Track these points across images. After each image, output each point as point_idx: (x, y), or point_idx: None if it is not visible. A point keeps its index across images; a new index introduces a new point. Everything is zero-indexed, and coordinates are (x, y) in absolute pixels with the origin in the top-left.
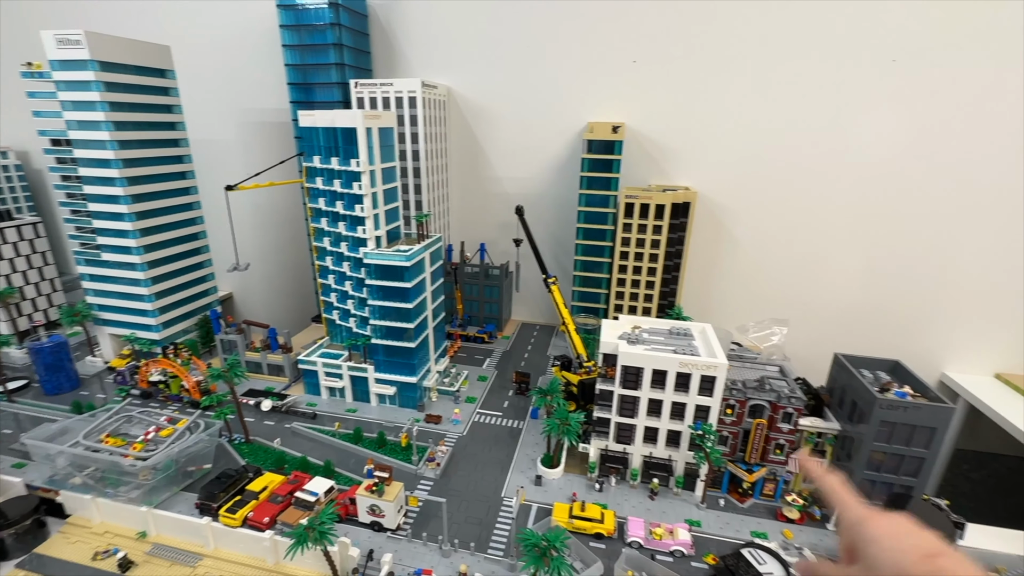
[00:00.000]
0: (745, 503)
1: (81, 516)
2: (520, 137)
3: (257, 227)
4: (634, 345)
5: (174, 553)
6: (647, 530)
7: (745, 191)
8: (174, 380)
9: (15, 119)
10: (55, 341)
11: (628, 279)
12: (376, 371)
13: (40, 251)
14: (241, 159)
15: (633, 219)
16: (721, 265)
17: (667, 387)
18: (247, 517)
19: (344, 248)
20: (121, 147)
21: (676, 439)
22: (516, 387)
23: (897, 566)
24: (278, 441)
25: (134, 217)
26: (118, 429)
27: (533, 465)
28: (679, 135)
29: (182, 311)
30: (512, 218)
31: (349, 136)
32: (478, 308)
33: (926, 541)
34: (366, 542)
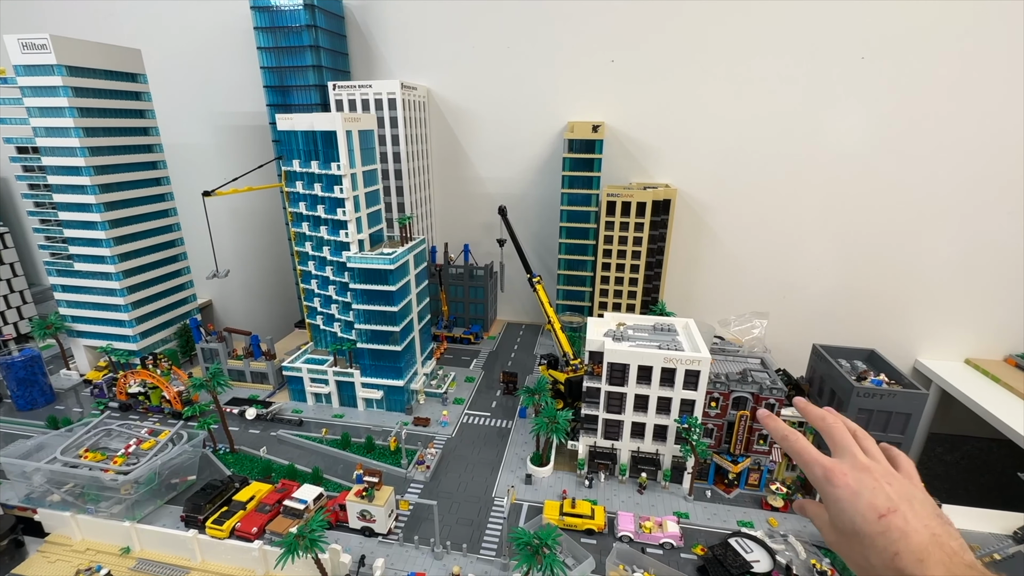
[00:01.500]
0: (731, 493)
1: (61, 534)
2: (501, 137)
3: (236, 232)
4: (619, 342)
5: (160, 568)
6: (637, 524)
7: (722, 186)
8: (154, 391)
9: None
10: (27, 355)
11: (612, 276)
12: (362, 375)
13: (8, 262)
14: (218, 164)
15: (615, 217)
16: (702, 260)
17: (653, 382)
18: (235, 528)
19: (327, 252)
20: (92, 154)
21: (663, 433)
22: (504, 387)
23: (854, 527)
24: (264, 450)
25: (107, 225)
26: (97, 443)
27: (523, 464)
28: (658, 133)
29: (160, 320)
30: (495, 218)
31: (329, 139)
32: (463, 309)
33: (881, 498)
34: (357, 548)
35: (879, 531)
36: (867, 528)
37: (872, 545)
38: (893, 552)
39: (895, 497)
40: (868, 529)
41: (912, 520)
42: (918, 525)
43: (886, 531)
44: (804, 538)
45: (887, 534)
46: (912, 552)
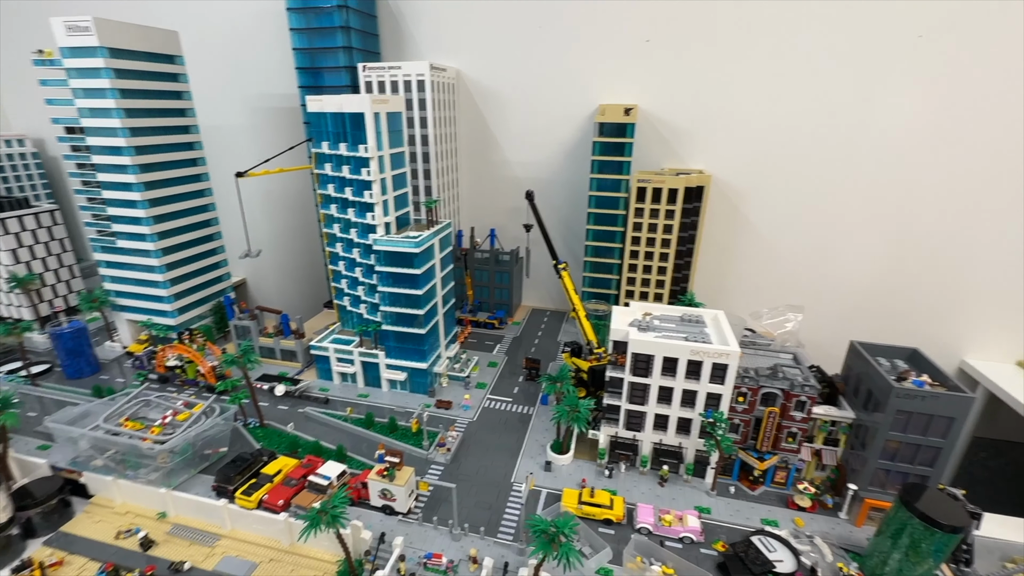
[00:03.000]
0: (756, 491)
1: (104, 496)
2: (530, 121)
3: (268, 213)
4: (645, 332)
5: (193, 533)
6: (656, 516)
7: (761, 174)
8: (190, 365)
9: (31, 106)
10: (75, 327)
11: (640, 265)
12: (387, 357)
13: (58, 238)
14: (250, 145)
15: (645, 203)
16: (735, 250)
17: (678, 374)
18: (262, 499)
19: (354, 235)
20: (132, 134)
21: (687, 426)
22: (526, 373)
23: None
24: (291, 426)
25: (147, 204)
26: (137, 413)
27: (543, 451)
28: (693, 117)
29: (196, 297)
30: (522, 203)
31: (357, 121)
32: (488, 294)
33: None
34: (378, 525)
35: None
36: None
37: None
38: None
39: None
40: None
41: None
42: None
43: None
44: (831, 540)
45: None
46: None
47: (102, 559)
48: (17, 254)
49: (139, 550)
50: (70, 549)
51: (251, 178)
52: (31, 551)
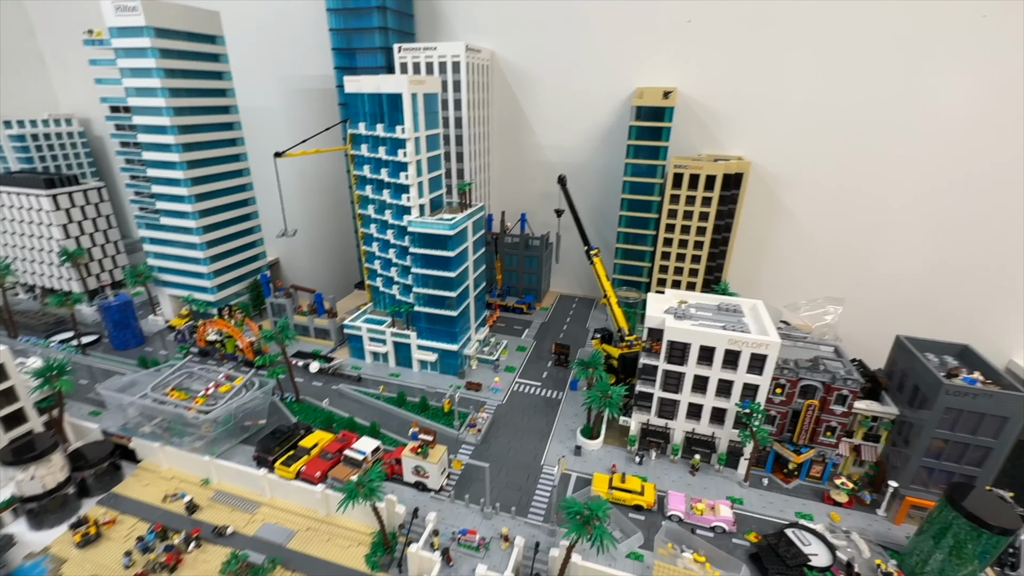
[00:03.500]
0: (790, 484)
1: (151, 461)
2: (564, 104)
3: (302, 194)
4: (681, 320)
5: (234, 500)
6: (688, 504)
7: (803, 162)
8: (229, 340)
9: (77, 87)
10: (122, 300)
11: (673, 252)
12: (418, 338)
13: (104, 215)
14: (285, 126)
15: (681, 190)
16: (772, 240)
17: (714, 364)
18: (300, 471)
19: (388, 216)
20: (176, 114)
21: (721, 416)
22: (555, 358)
23: None
24: (326, 402)
25: (189, 183)
26: (181, 384)
27: (572, 435)
28: (734, 101)
29: (234, 274)
30: (553, 188)
31: (394, 102)
32: (517, 279)
33: None
34: (411, 500)
35: None
36: None
37: None
38: None
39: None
40: None
41: None
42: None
43: None
44: (868, 536)
45: None
46: None
47: (151, 520)
48: (68, 229)
49: (185, 513)
50: (121, 509)
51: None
52: (86, 509)
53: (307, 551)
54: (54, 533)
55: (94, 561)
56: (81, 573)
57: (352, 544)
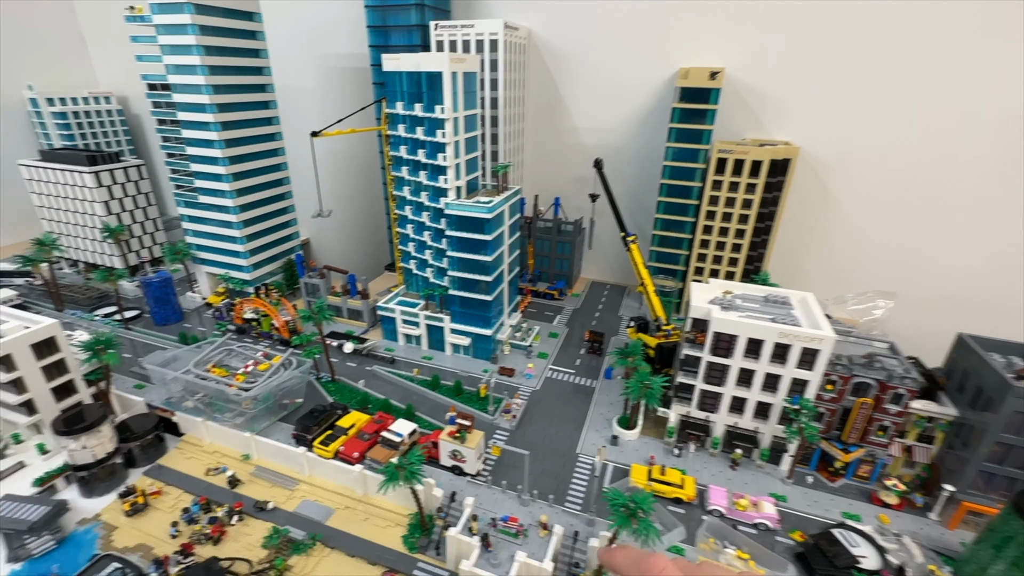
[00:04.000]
0: (835, 482)
1: (193, 435)
2: (602, 85)
3: (333, 174)
4: (727, 311)
5: (274, 476)
6: (730, 500)
7: (854, 149)
8: (265, 319)
9: (116, 64)
10: (162, 277)
11: (712, 240)
12: (452, 321)
13: (144, 192)
14: (318, 105)
15: (725, 176)
16: (817, 229)
17: (762, 357)
18: (338, 450)
19: (424, 198)
20: (215, 92)
21: (765, 411)
22: (589, 346)
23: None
24: (362, 383)
25: (227, 161)
26: (222, 361)
27: (608, 425)
28: (783, 83)
29: (269, 253)
30: (589, 172)
31: (434, 81)
32: (548, 264)
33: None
34: (448, 484)
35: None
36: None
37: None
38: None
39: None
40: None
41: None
42: None
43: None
44: (921, 541)
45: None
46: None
47: (195, 492)
48: (109, 206)
49: (227, 487)
50: (166, 480)
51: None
52: (133, 479)
53: (345, 529)
54: (103, 501)
55: (142, 530)
56: (130, 541)
57: (390, 524)
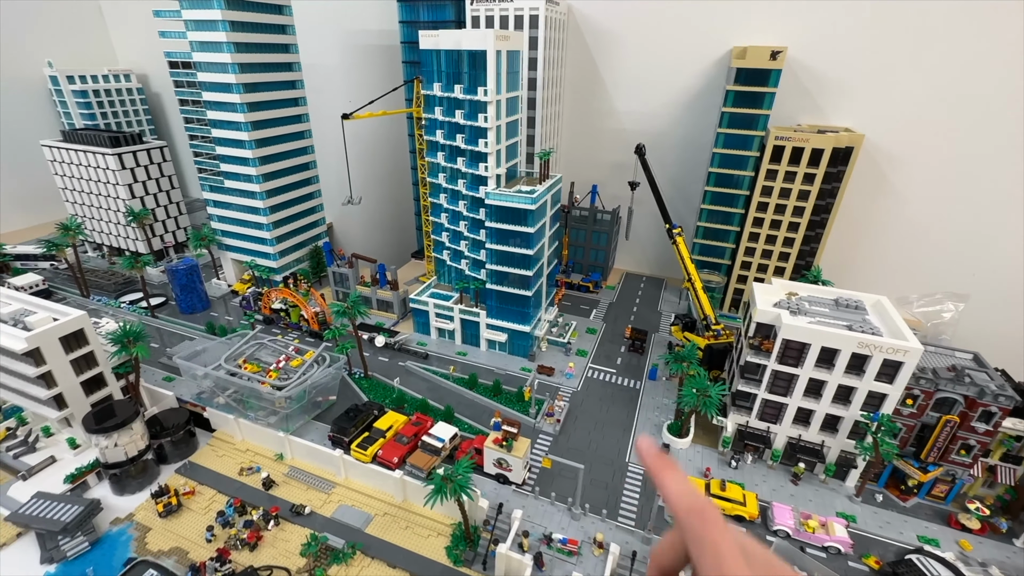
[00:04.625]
0: (907, 501)
1: (225, 432)
2: (646, 65)
3: (357, 158)
4: (796, 315)
5: (309, 477)
6: (797, 520)
7: (923, 136)
8: (294, 309)
9: (135, 41)
10: (188, 264)
11: (763, 234)
12: (488, 316)
13: (167, 174)
14: (343, 85)
15: (781, 164)
16: (876, 224)
17: (836, 368)
18: (377, 454)
19: (461, 186)
20: (242, 70)
21: (834, 423)
22: (629, 343)
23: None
24: (397, 381)
25: (254, 145)
26: (253, 355)
27: (657, 431)
28: (846, 62)
29: (296, 240)
30: (627, 158)
31: (477, 60)
32: (583, 255)
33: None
34: (491, 493)
35: None
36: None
37: None
38: None
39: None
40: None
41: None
42: None
43: None
44: (1010, 572)
45: None
46: None
47: (229, 493)
48: (132, 189)
49: (261, 488)
50: (199, 479)
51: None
52: (165, 476)
53: (385, 537)
54: (136, 499)
55: (176, 532)
56: (165, 543)
57: (431, 534)
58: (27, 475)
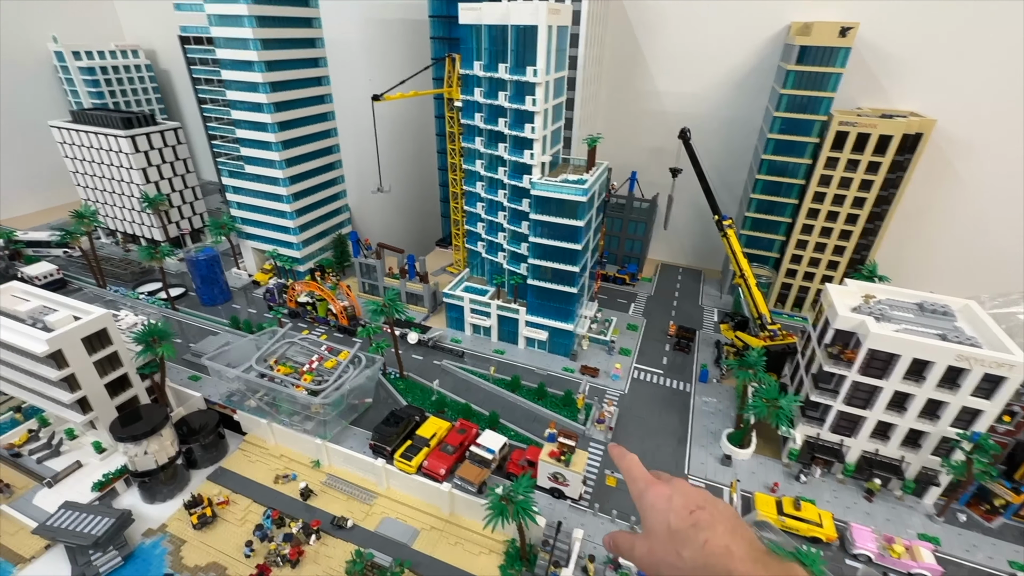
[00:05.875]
0: (992, 522)
1: (257, 436)
2: (692, 41)
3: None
4: (881, 322)
5: (349, 487)
6: (879, 543)
7: (998, 126)
8: (321, 303)
9: (142, 15)
10: (208, 254)
11: (817, 226)
12: (528, 313)
13: (182, 158)
14: (363, 62)
15: (843, 152)
16: (937, 216)
17: (928, 381)
18: (422, 465)
19: (502, 174)
20: (264, 47)
21: (916, 439)
22: (675, 342)
23: (666, 526)
24: (437, 383)
25: (277, 128)
26: (284, 355)
27: (714, 439)
28: (919, 41)
29: (319, 229)
30: (668, 143)
31: (526, 37)
32: (617, 244)
33: (692, 498)
34: (547, 508)
35: (691, 523)
36: (681, 524)
37: (686, 538)
38: (703, 540)
39: (700, 500)
40: (682, 524)
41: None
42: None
43: (697, 523)
44: None
45: (698, 525)
46: (719, 537)
47: (265, 503)
48: (147, 173)
49: (299, 499)
50: (232, 487)
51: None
52: (196, 482)
53: (434, 554)
54: (167, 508)
55: (212, 545)
56: (201, 558)
57: (483, 551)
58: (52, 482)
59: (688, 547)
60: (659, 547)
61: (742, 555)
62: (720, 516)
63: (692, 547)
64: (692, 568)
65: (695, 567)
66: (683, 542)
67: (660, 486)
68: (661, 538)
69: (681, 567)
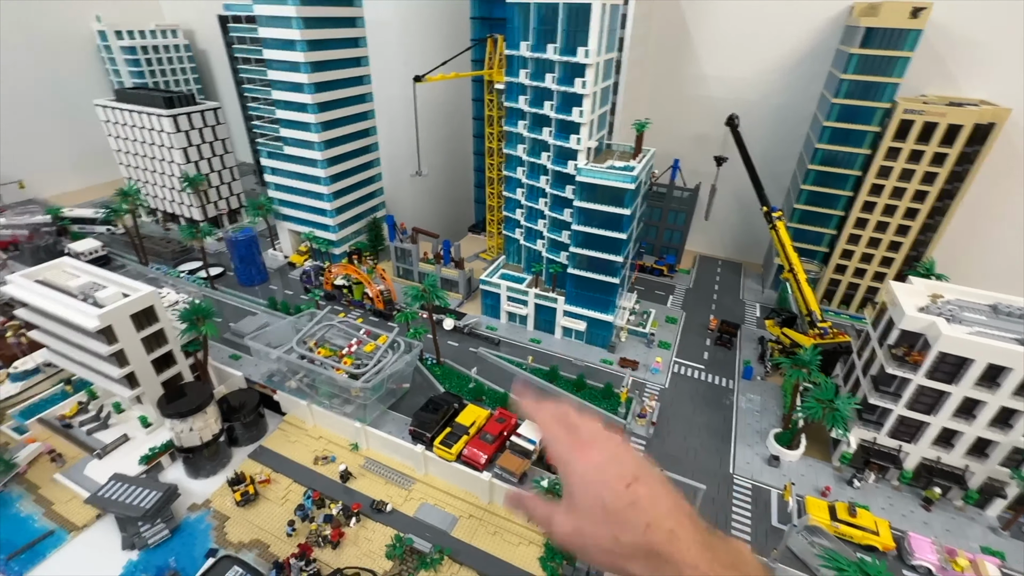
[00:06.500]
0: None
1: (296, 416)
2: (744, 22)
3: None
4: (953, 323)
5: (388, 471)
6: (940, 555)
7: None
8: (357, 286)
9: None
10: (247, 235)
11: (873, 220)
12: (566, 302)
13: (220, 138)
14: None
15: (906, 142)
16: (1001, 212)
17: (1003, 387)
18: (462, 452)
19: (546, 159)
20: (307, 26)
21: (983, 447)
22: (717, 336)
23: (600, 503)
24: (475, 371)
25: (317, 108)
26: (323, 337)
27: (760, 439)
28: (996, 24)
29: (355, 212)
30: (714, 130)
31: (578, 16)
32: (655, 234)
33: (627, 466)
34: None
35: (629, 502)
36: (618, 502)
37: (625, 521)
38: (645, 523)
39: (634, 468)
40: (619, 503)
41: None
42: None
43: (636, 502)
44: None
45: (638, 504)
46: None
47: (305, 483)
48: (187, 153)
49: (338, 480)
50: (273, 466)
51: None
52: (237, 459)
53: (473, 543)
54: (211, 483)
55: (254, 523)
56: (244, 535)
57: (522, 542)
58: (102, 453)
59: (628, 532)
60: (590, 528)
61: (688, 539)
62: (660, 490)
63: (632, 532)
64: (631, 554)
65: (634, 554)
66: (621, 526)
67: (589, 450)
68: (593, 518)
69: (617, 552)
